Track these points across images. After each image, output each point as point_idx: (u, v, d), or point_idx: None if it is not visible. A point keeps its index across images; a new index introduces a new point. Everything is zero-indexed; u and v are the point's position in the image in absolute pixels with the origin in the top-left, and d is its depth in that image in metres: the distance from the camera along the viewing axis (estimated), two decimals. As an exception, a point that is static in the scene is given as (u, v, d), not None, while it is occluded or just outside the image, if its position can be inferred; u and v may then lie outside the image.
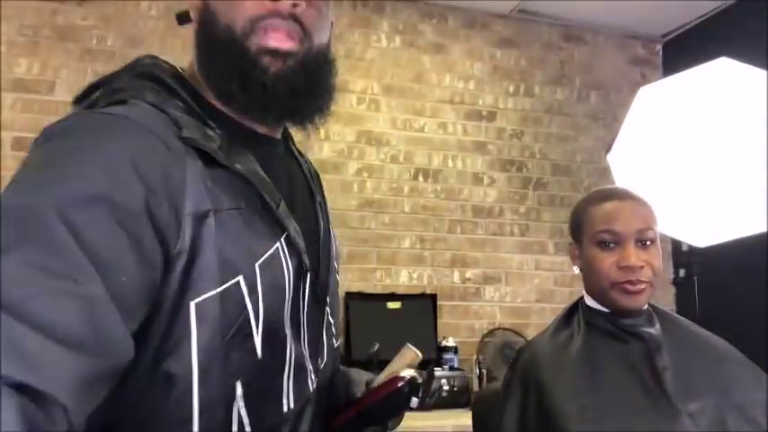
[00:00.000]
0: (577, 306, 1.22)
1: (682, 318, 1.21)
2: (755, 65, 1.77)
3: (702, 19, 3.17)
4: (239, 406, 0.66)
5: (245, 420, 0.66)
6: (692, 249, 2.14)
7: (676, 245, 2.30)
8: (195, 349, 0.62)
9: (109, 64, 2.61)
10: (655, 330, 1.13)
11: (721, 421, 1.01)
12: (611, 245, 1.12)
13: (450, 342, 2.74)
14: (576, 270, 1.21)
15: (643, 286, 1.09)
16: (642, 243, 1.11)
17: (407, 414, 2.30)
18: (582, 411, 1.01)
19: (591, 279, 1.15)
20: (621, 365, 1.08)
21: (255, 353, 0.67)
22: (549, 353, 1.14)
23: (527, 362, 1.16)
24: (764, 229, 1.77)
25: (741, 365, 1.12)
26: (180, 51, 2.70)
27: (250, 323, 0.66)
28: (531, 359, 1.15)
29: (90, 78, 0.78)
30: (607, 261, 1.11)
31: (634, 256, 1.09)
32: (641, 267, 1.08)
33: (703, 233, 1.89)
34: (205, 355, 0.62)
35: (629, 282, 1.08)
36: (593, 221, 1.15)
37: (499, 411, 1.14)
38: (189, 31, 2.67)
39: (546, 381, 1.07)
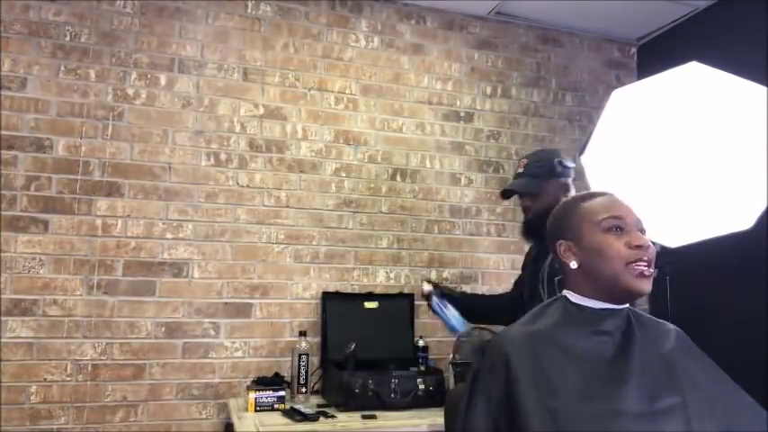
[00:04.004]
0: (554, 303, 1.22)
1: (654, 318, 1.23)
2: (726, 68, 1.80)
3: (676, 23, 3.23)
4: None
5: None
6: (664, 249, 2.17)
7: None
8: None
9: (82, 61, 2.58)
10: (631, 330, 1.14)
11: (687, 420, 1.02)
12: (619, 230, 1.14)
13: (427, 341, 2.75)
14: (575, 265, 1.19)
15: (652, 270, 1.12)
16: (641, 232, 1.15)
17: (382, 414, 2.31)
18: (549, 413, 1.01)
19: (600, 266, 1.14)
20: (593, 362, 1.09)
21: None
22: (520, 346, 1.13)
23: (497, 352, 1.15)
24: (735, 230, 1.80)
25: (708, 368, 1.14)
26: (155, 49, 2.67)
27: None
28: (502, 350, 1.14)
29: (63, 75, 0.75)
30: (618, 243, 1.12)
31: (641, 237, 1.13)
32: (648, 247, 1.12)
33: (675, 233, 1.92)
34: None
35: (642, 261, 1.11)
36: (593, 212, 1.17)
37: (466, 403, 1.13)
38: (163, 29, 2.70)
39: (515, 377, 1.06)
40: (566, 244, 1.21)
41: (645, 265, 1.11)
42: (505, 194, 2.28)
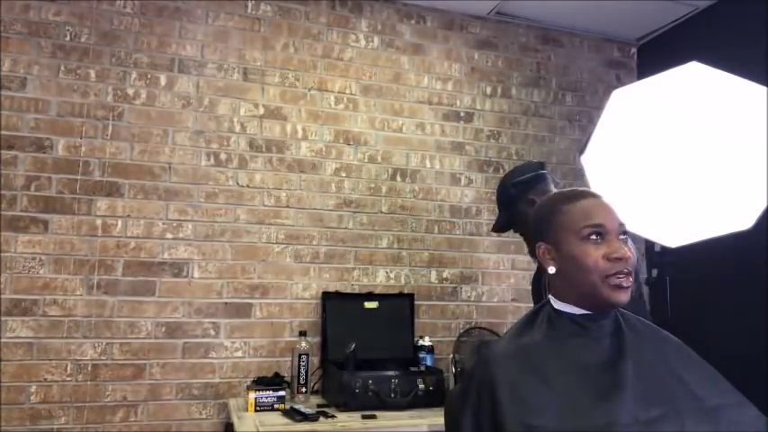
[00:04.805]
0: (541, 310, 1.21)
1: (646, 321, 1.21)
2: (726, 68, 1.80)
3: (676, 23, 3.23)
4: None
5: None
6: (665, 250, 2.17)
7: (649, 245, 2.34)
8: None
9: (82, 61, 2.58)
10: (620, 336, 1.13)
11: (680, 427, 1.01)
12: (598, 239, 1.11)
13: (427, 341, 2.75)
14: (553, 270, 1.18)
15: (631, 281, 1.10)
16: (623, 238, 1.13)
17: (382, 414, 2.32)
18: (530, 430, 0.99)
19: (577, 276, 1.12)
20: (582, 373, 1.06)
21: None
22: (506, 365, 1.10)
23: (482, 370, 1.13)
24: (735, 230, 1.80)
25: (702, 370, 1.13)
26: (155, 49, 2.67)
27: None
28: (488, 371, 1.11)
29: (63, 75, 0.75)
30: (596, 254, 1.10)
31: (621, 247, 1.10)
32: (628, 258, 1.10)
33: (675, 234, 1.91)
34: None
35: (621, 273, 1.08)
36: (573, 218, 1.14)
37: (457, 418, 1.12)
38: (163, 29, 2.71)
39: (498, 398, 1.04)
40: (545, 247, 1.19)
41: (623, 277, 1.09)
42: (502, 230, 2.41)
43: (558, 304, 1.17)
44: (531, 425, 0.99)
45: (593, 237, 1.12)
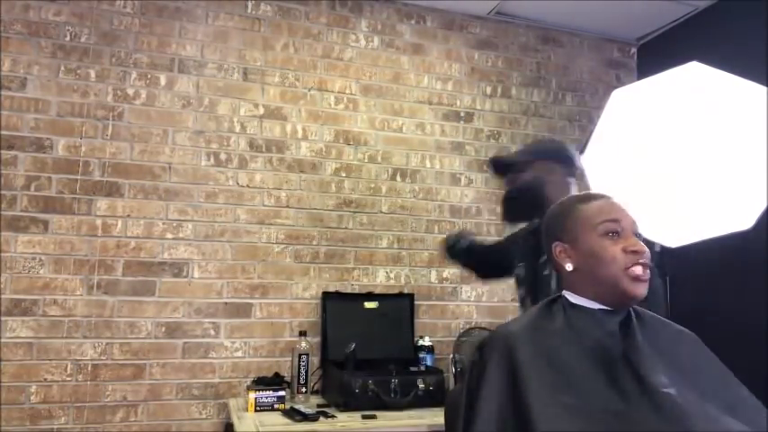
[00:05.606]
0: (555, 301, 1.21)
1: (659, 317, 1.22)
2: (726, 68, 1.80)
3: (676, 23, 3.23)
4: None
5: None
6: (664, 250, 2.17)
7: (648, 245, 2.34)
8: None
9: (83, 61, 2.58)
10: (634, 329, 1.14)
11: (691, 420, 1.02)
12: (616, 235, 1.14)
13: (427, 341, 2.75)
14: (570, 268, 1.19)
15: (648, 274, 1.13)
16: (636, 236, 1.16)
17: (382, 414, 2.31)
18: (564, 410, 1.00)
19: (597, 270, 1.14)
20: (597, 364, 1.08)
21: None
22: (524, 340, 1.11)
23: (499, 346, 1.12)
24: (735, 230, 1.80)
25: (714, 366, 1.15)
26: (155, 49, 2.67)
27: None
28: (506, 342, 1.12)
29: (63, 75, 0.75)
30: (615, 248, 1.13)
31: (638, 242, 1.14)
32: (644, 251, 1.13)
33: (675, 233, 1.91)
34: None
35: (640, 265, 1.12)
36: (591, 215, 1.17)
37: (467, 402, 1.12)
38: (163, 29, 2.71)
39: (525, 375, 1.05)
40: (561, 246, 1.21)
41: (641, 268, 1.12)
42: (497, 169, 2.01)
43: (574, 298, 1.18)
44: (562, 402, 1.00)
45: (611, 233, 1.15)
